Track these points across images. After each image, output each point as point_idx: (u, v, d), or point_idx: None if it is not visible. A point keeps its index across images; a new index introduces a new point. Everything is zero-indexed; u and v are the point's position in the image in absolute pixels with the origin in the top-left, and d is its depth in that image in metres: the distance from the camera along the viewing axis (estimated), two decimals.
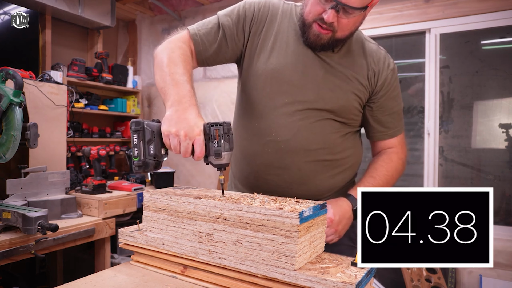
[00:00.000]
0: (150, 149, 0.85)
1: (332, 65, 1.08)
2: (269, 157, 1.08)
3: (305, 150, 1.07)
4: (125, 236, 0.94)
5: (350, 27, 1.01)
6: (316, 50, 1.07)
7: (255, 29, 1.10)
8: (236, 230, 0.76)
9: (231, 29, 1.09)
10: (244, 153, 1.15)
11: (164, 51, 1.02)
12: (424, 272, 2.42)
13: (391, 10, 2.73)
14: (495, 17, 2.44)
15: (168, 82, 0.93)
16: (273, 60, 1.07)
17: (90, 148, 2.43)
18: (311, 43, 1.04)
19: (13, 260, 1.62)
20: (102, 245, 2.28)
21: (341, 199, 1.09)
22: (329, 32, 1.00)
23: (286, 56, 1.07)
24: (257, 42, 1.10)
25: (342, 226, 1.05)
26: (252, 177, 1.14)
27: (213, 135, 0.83)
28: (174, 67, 0.96)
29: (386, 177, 1.14)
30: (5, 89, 1.64)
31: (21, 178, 1.91)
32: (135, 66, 3.81)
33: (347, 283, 0.65)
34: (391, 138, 1.19)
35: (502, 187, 2.52)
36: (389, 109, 1.15)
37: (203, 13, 3.57)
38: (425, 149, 2.69)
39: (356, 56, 1.10)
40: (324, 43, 1.02)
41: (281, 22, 1.10)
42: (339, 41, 1.04)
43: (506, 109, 2.54)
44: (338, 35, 1.01)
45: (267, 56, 1.08)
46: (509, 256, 2.30)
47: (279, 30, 1.10)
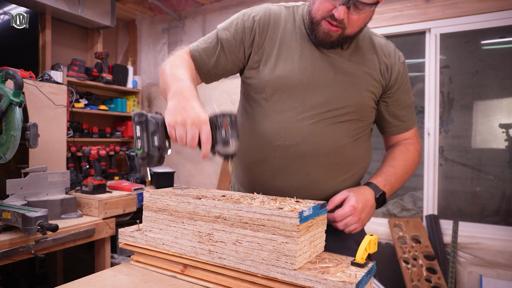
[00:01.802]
0: (155, 140, 0.84)
1: (342, 63, 1.06)
2: (277, 162, 1.06)
3: (314, 155, 1.04)
4: (125, 236, 0.94)
5: (360, 24, 0.99)
6: (325, 48, 1.05)
7: (258, 38, 1.08)
8: (236, 230, 0.76)
9: (230, 41, 1.08)
10: (250, 159, 1.12)
11: (167, 63, 1.04)
12: (424, 272, 2.42)
13: (391, 10, 2.73)
14: (495, 17, 2.44)
15: (169, 80, 0.95)
16: (280, 67, 1.05)
17: (90, 148, 2.43)
18: (320, 41, 1.02)
19: (13, 260, 1.62)
20: (102, 245, 2.28)
21: (363, 187, 1.07)
22: (339, 29, 0.98)
23: (293, 62, 1.05)
24: (262, 51, 1.08)
25: (365, 214, 1.03)
26: (257, 183, 1.11)
27: (220, 123, 0.82)
28: (176, 69, 0.98)
29: (405, 167, 1.15)
30: (5, 89, 1.64)
31: (21, 178, 1.91)
32: (135, 66, 3.81)
33: (347, 282, 0.65)
34: (406, 131, 1.21)
35: (502, 187, 2.52)
36: (403, 102, 1.15)
37: (203, 13, 3.57)
38: (425, 149, 2.69)
39: (366, 52, 1.09)
40: (333, 40, 1.01)
41: (284, 28, 1.08)
42: (349, 38, 1.02)
43: (506, 109, 2.54)
44: (348, 32, 0.99)
45: (273, 63, 1.06)
46: (509, 256, 2.30)
47: (284, 36, 1.07)
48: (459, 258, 2.45)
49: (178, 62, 1.03)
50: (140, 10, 3.76)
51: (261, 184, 1.10)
